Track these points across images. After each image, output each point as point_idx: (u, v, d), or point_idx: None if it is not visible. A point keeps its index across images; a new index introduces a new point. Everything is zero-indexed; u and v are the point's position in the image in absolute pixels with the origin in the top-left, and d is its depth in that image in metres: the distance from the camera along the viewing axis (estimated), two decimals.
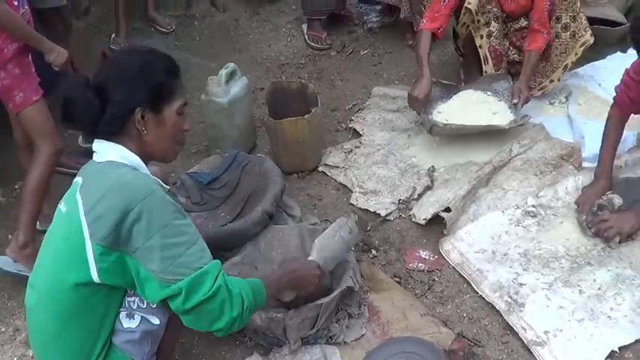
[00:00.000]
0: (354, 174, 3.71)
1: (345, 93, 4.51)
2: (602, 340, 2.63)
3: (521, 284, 2.91)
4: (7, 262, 3.11)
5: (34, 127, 3.12)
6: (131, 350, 2.11)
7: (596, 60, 4.34)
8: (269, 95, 3.81)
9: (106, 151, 2.08)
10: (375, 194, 3.54)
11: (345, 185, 3.66)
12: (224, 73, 3.71)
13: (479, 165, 3.60)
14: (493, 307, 2.86)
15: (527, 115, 3.81)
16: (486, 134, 3.71)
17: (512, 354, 2.67)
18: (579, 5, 3.90)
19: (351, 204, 3.50)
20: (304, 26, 5.20)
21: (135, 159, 2.08)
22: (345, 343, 2.69)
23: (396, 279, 3.05)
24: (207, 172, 3.44)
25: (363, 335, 2.73)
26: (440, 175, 3.60)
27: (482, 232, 3.20)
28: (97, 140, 2.11)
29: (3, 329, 2.98)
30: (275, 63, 4.95)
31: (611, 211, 3.10)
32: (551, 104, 4.07)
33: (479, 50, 3.90)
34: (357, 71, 4.75)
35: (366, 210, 3.45)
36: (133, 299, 2.08)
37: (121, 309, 2.08)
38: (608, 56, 4.39)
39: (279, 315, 2.57)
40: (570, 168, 3.53)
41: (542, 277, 2.94)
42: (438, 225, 3.29)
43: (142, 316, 2.11)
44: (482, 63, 3.90)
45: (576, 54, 3.96)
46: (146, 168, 2.12)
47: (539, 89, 4.01)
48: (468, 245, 3.14)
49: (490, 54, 3.86)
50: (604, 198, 3.12)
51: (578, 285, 2.88)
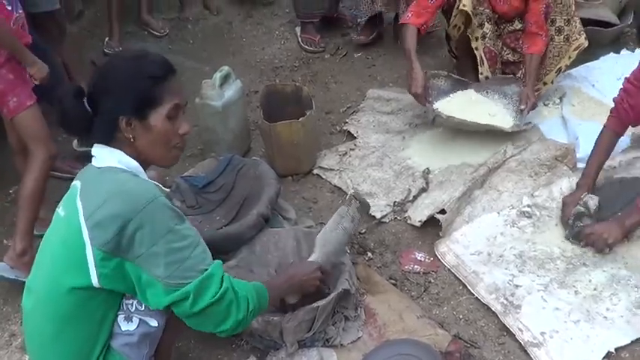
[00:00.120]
0: (348, 176, 3.71)
1: (340, 95, 4.51)
2: (599, 341, 2.64)
3: (517, 286, 2.91)
4: (5, 269, 3.10)
5: (27, 132, 3.12)
6: (129, 353, 2.11)
7: (590, 61, 4.33)
8: (263, 98, 3.81)
9: (105, 157, 2.08)
10: (370, 196, 3.54)
11: (340, 188, 3.66)
12: (218, 76, 3.71)
13: (474, 167, 3.61)
14: (489, 308, 2.86)
15: (530, 122, 3.82)
16: (481, 136, 3.72)
17: (509, 355, 2.68)
18: (574, 9, 3.90)
19: (354, 189, 3.51)
20: (298, 29, 5.19)
21: (134, 164, 2.08)
22: (342, 345, 2.69)
23: (392, 281, 3.04)
24: (202, 175, 3.44)
25: (359, 338, 2.73)
26: (435, 177, 3.61)
27: (478, 234, 3.21)
28: (96, 145, 2.12)
29: None
30: (269, 66, 4.95)
31: (590, 215, 3.08)
32: (545, 105, 4.07)
33: (475, 52, 3.90)
34: (351, 74, 4.75)
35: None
36: (131, 302, 2.09)
37: (119, 312, 2.09)
38: (601, 57, 4.38)
39: (275, 318, 2.57)
40: (565, 169, 3.53)
41: (537, 278, 2.94)
42: (433, 227, 3.29)
43: (140, 319, 2.11)
44: (479, 64, 3.90)
45: (570, 57, 3.96)
46: (144, 173, 2.12)
47: None
48: (463, 247, 3.14)
49: (485, 55, 3.86)
50: (580, 203, 3.10)
51: (573, 286, 2.89)
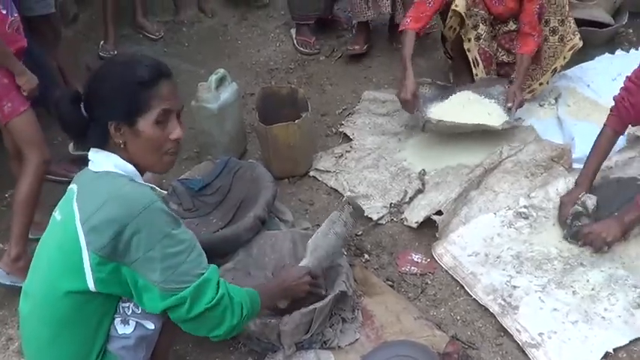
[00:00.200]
0: (345, 178, 3.70)
1: (335, 97, 4.50)
2: (597, 342, 2.64)
3: (515, 287, 2.91)
4: (1, 275, 3.09)
5: (22, 137, 3.11)
6: (126, 356, 2.11)
7: (585, 61, 4.34)
8: (259, 101, 3.80)
9: (102, 161, 2.08)
10: (367, 198, 3.54)
11: (337, 190, 3.65)
12: (214, 78, 3.70)
13: (470, 168, 3.60)
14: (486, 309, 2.86)
15: (520, 118, 3.83)
16: (477, 136, 3.72)
17: (507, 356, 2.68)
18: (568, 9, 3.90)
19: (350, 192, 3.51)
20: (293, 31, 5.19)
21: (130, 168, 2.08)
22: (340, 347, 2.69)
23: (389, 283, 3.04)
24: (198, 178, 3.43)
25: (357, 339, 2.73)
26: (431, 179, 3.61)
27: (475, 235, 3.21)
28: (92, 149, 2.11)
29: None
30: (264, 68, 4.94)
31: (588, 215, 3.08)
32: (541, 106, 4.07)
33: (467, 54, 3.91)
34: (347, 76, 4.74)
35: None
36: (127, 305, 2.08)
37: (116, 315, 2.09)
38: (596, 57, 4.40)
39: (272, 321, 2.56)
40: (561, 169, 3.53)
41: (535, 279, 2.95)
42: (429, 228, 3.29)
43: (136, 322, 2.11)
44: (472, 66, 3.91)
45: (565, 58, 3.97)
46: (141, 177, 2.12)
47: (528, 92, 4.00)
48: (460, 249, 3.14)
49: (480, 56, 3.87)
50: (578, 202, 3.10)
51: (571, 286, 2.89)
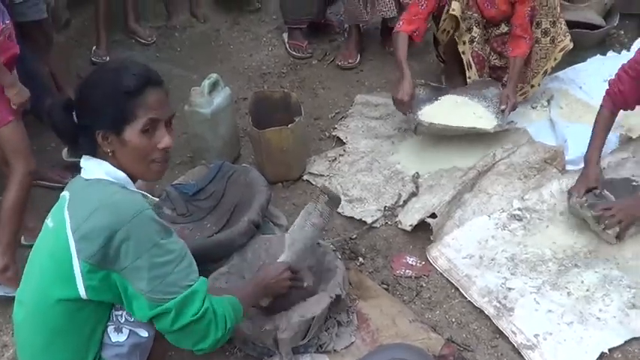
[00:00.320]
0: (338, 182, 3.70)
1: (328, 101, 4.50)
2: (592, 343, 2.65)
3: (510, 289, 2.91)
4: None
5: (8, 146, 3.09)
6: None
7: (576, 63, 4.36)
8: (252, 105, 3.80)
9: (93, 169, 2.07)
10: (361, 202, 3.54)
11: None
12: (207, 83, 3.70)
13: (463, 170, 3.61)
14: (481, 311, 2.86)
15: (513, 121, 3.83)
16: (470, 139, 3.72)
17: (502, 358, 2.68)
18: (559, 11, 3.92)
19: (323, 185, 3.38)
20: (285, 35, 5.19)
21: (121, 175, 2.06)
22: (335, 351, 2.69)
23: (384, 286, 3.04)
24: (192, 183, 3.43)
25: (352, 343, 2.72)
26: (425, 181, 3.61)
27: (469, 238, 3.21)
28: (84, 156, 2.11)
29: None
30: (257, 73, 4.94)
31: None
32: (534, 108, 4.09)
33: (462, 56, 3.91)
34: (339, 79, 4.74)
35: (352, 217, 3.46)
36: (120, 313, 2.08)
37: (109, 323, 2.08)
38: (588, 59, 4.42)
39: (268, 327, 2.56)
40: (554, 171, 3.54)
41: (530, 280, 2.95)
42: (424, 231, 3.29)
43: (130, 330, 2.10)
44: (466, 69, 3.92)
45: (555, 59, 3.98)
46: (133, 184, 2.11)
47: (520, 94, 4.01)
48: (455, 251, 3.14)
49: (473, 59, 3.88)
50: (597, 193, 3.13)
51: (566, 287, 2.90)
